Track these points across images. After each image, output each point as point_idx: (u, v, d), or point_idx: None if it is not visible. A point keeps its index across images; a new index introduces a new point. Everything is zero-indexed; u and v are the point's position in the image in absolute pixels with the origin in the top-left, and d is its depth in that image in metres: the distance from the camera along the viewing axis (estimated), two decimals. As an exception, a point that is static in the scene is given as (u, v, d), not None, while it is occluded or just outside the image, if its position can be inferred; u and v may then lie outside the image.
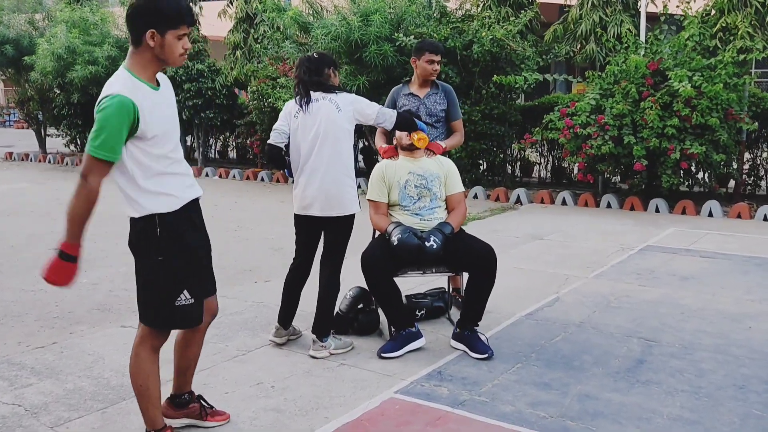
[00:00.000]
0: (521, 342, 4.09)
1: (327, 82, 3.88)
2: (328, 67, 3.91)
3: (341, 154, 3.81)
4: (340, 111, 3.79)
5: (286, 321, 4.06)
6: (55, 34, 13.17)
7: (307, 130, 3.83)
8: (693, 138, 8.15)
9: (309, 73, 3.85)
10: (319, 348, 3.87)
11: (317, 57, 3.94)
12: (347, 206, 3.83)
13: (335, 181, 3.79)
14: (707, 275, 5.61)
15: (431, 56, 4.48)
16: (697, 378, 3.56)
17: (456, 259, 3.94)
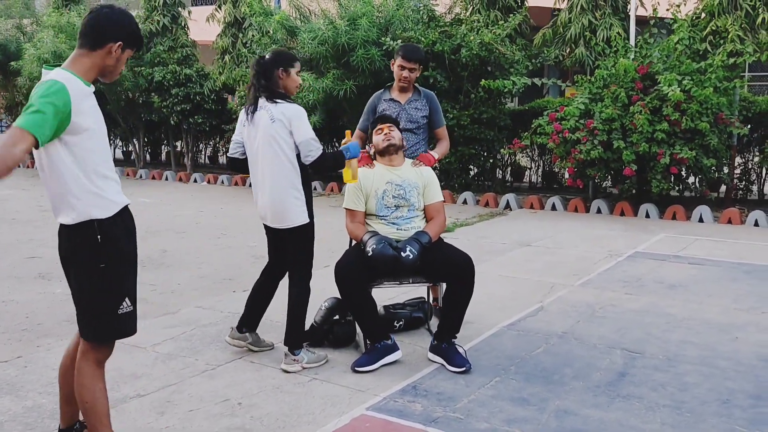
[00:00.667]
0: (501, 354, 3.96)
1: (276, 86, 3.70)
2: (278, 67, 3.70)
3: (280, 166, 3.66)
4: (273, 122, 3.63)
5: (243, 325, 3.96)
6: (42, 39, 13.03)
7: (251, 141, 3.76)
8: (683, 143, 8.06)
9: (257, 77, 3.71)
10: (291, 361, 3.74)
11: (266, 59, 3.75)
12: (293, 219, 3.71)
13: (279, 194, 3.68)
14: (695, 283, 5.50)
15: (402, 62, 4.37)
16: (680, 392, 3.44)
17: (433, 269, 3.82)
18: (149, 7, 13.95)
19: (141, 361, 3.87)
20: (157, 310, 4.90)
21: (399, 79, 4.43)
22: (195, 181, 13.17)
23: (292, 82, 3.76)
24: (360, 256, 3.73)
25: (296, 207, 3.69)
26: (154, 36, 13.80)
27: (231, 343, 3.97)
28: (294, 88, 3.80)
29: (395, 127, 3.98)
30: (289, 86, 3.76)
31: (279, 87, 3.72)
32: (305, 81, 9.67)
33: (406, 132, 4.44)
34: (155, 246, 7.09)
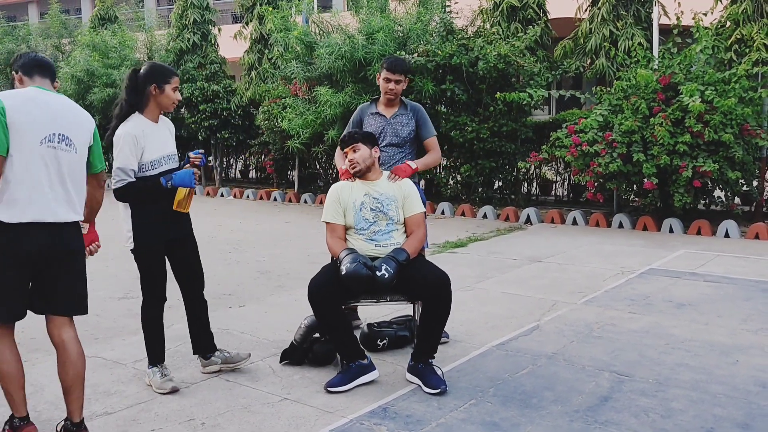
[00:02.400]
0: (483, 375, 3.84)
1: (147, 101, 3.56)
2: (150, 83, 3.53)
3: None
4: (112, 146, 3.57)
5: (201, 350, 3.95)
6: (75, 57, 13.41)
7: None
8: (706, 155, 7.79)
9: (128, 91, 3.56)
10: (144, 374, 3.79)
11: (140, 72, 3.57)
12: (124, 241, 3.70)
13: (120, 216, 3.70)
14: (706, 302, 5.27)
15: (387, 74, 4.30)
16: (663, 419, 3.27)
17: (409, 287, 3.73)
18: (180, 26, 14.25)
19: (118, 378, 3.88)
20: (150, 325, 4.90)
21: (385, 92, 4.37)
22: (222, 195, 13.31)
23: (166, 99, 3.58)
24: (335, 274, 3.66)
25: (124, 230, 3.66)
26: (185, 53, 14.08)
27: (207, 371, 3.91)
28: (170, 105, 3.63)
29: (360, 144, 3.88)
30: (164, 103, 3.60)
31: (149, 104, 3.57)
32: (323, 95, 9.70)
33: (392, 147, 4.37)
34: (165, 261, 7.13)
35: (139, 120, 3.57)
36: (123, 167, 3.50)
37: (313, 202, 11.87)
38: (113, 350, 4.36)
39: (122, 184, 3.52)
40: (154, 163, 3.59)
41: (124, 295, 5.77)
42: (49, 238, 2.94)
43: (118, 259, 7.18)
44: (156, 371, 3.69)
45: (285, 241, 8.39)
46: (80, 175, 3.07)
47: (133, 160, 3.51)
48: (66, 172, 2.99)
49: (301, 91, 10.83)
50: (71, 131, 3.00)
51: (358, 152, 3.85)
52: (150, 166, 3.57)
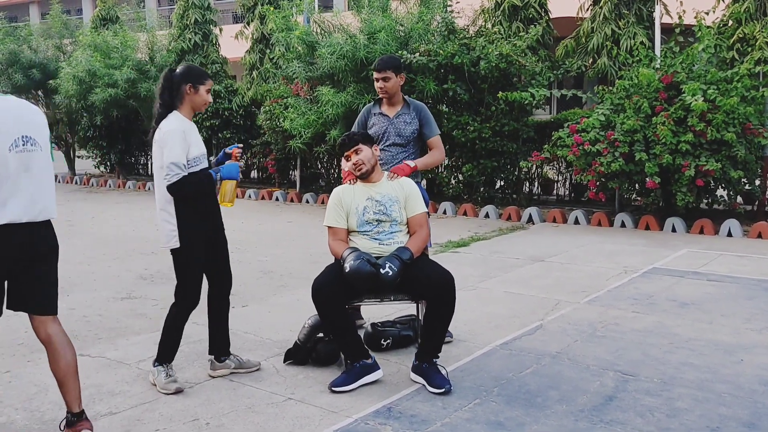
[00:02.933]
0: (487, 375, 3.83)
1: (182, 100, 3.61)
2: (186, 83, 3.60)
3: (159, 187, 3.61)
4: (156, 143, 3.58)
5: (217, 353, 3.91)
6: (77, 58, 13.40)
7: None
8: (709, 154, 7.78)
9: (162, 91, 3.62)
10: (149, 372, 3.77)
11: (176, 72, 3.64)
12: (164, 241, 3.66)
13: (157, 215, 3.66)
14: (709, 301, 5.26)
15: (375, 74, 4.34)
16: (668, 418, 3.26)
17: (413, 286, 3.72)
18: (181, 26, 14.24)
19: (122, 378, 3.87)
20: (154, 325, 4.90)
21: (378, 91, 4.39)
22: (223, 195, 13.28)
23: (200, 99, 3.65)
24: (338, 274, 3.66)
25: (167, 230, 3.62)
26: (186, 53, 14.08)
27: (215, 375, 3.87)
28: (202, 106, 3.69)
29: (361, 145, 3.86)
30: (197, 103, 3.66)
31: (184, 103, 3.62)
32: (324, 95, 9.69)
33: (395, 146, 4.36)
34: (167, 261, 7.06)
35: (181, 117, 3.61)
36: (176, 162, 3.49)
37: (315, 202, 11.87)
38: (117, 350, 4.36)
39: (177, 178, 3.49)
40: (196, 160, 3.62)
41: (127, 295, 5.77)
42: (26, 238, 2.93)
43: (121, 260, 7.19)
44: (161, 370, 3.68)
45: (287, 241, 8.38)
46: (49, 171, 3.07)
47: (183, 155, 3.52)
48: (36, 172, 2.97)
49: (303, 91, 10.82)
50: (33, 130, 2.99)
51: (362, 153, 3.83)
52: (194, 162, 3.60)
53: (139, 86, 13.12)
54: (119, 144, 15.69)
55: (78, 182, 16.24)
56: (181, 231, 3.61)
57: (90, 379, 3.85)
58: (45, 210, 2.99)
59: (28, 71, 15.32)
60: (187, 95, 3.62)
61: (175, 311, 3.75)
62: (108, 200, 12.96)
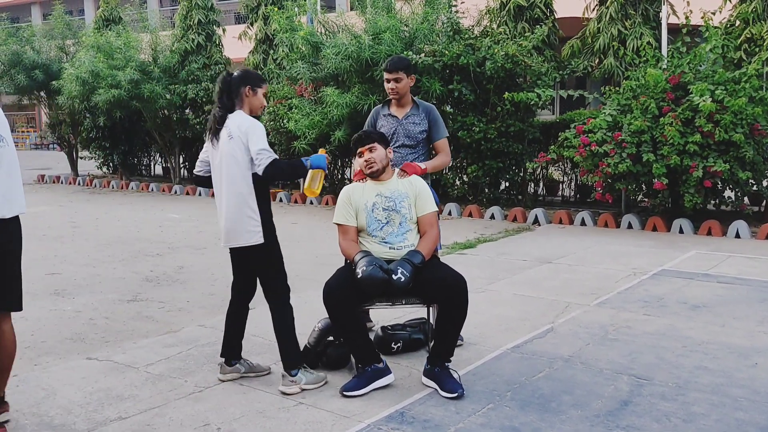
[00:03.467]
0: (499, 379, 3.79)
1: (242, 103, 3.65)
2: (246, 85, 3.66)
3: (236, 184, 3.59)
4: (231, 138, 3.57)
5: (229, 356, 3.84)
6: (80, 59, 13.36)
7: (213, 159, 3.72)
8: (717, 155, 7.73)
9: (220, 94, 3.66)
10: (289, 383, 3.64)
11: (235, 75, 3.70)
12: (246, 238, 3.62)
13: (232, 213, 3.61)
14: (721, 303, 5.22)
15: (386, 75, 4.30)
16: (685, 423, 3.22)
17: (425, 290, 3.68)
18: (184, 26, 14.21)
19: (131, 382, 3.83)
20: (161, 328, 4.87)
21: (388, 92, 4.36)
22: (227, 196, 13.26)
23: (258, 101, 3.72)
24: (350, 277, 3.62)
25: (251, 226, 3.61)
26: (189, 54, 14.04)
27: (225, 379, 3.82)
28: (259, 108, 3.74)
29: (376, 145, 3.83)
30: (255, 105, 3.71)
31: (243, 105, 3.66)
32: (329, 96, 9.66)
33: (404, 148, 4.33)
34: (172, 263, 7.11)
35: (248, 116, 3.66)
36: (266, 147, 3.55)
37: (318, 203, 11.83)
38: (124, 354, 4.32)
39: (271, 159, 3.51)
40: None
41: (133, 298, 5.73)
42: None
43: (126, 262, 7.16)
44: (303, 371, 3.68)
45: (292, 243, 8.33)
46: (17, 166, 3.15)
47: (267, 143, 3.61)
48: (6, 168, 3.06)
49: (307, 91, 10.78)
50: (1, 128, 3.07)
51: (375, 152, 3.80)
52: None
53: (142, 87, 13.08)
54: (122, 145, 15.67)
55: (81, 183, 16.21)
56: (264, 226, 3.63)
57: (98, 383, 3.81)
58: (17, 205, 3.07)
59: (31, 72, 15.29)
60: (246, 97, 3.67)
61: (284, 310, 3.72)
62: (111, 201, 12.93)
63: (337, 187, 12.58)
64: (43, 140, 31.75)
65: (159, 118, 14.40)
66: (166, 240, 8.50)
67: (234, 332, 3.87)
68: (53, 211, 11.45)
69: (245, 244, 3.64)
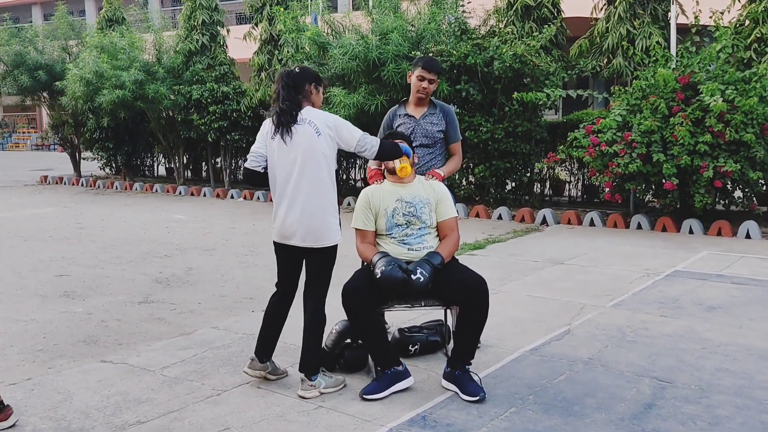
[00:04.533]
0: (520, 382, 3.75)
1: (307, 99, 3.63)
2: (310, 82, 3.64)
3: (322, 182, 3.54)
4: (319, 135, 3.52)
5: (262, 354, 3.78)
6: (84, 59, 13.32)
7: (284, 154, 3.57)
8: (727, 155, 7.70)
9: (287, 89, 3.58)
10: (308, 387, 3.59)
11: (298, 72, 3.65)
12: (330, 237, 3.58)
13: (316, 211, 3.53)
14: (737, 305, 5.18)
15: (423, 72, 4.22)
16: (711, 426, 3.18)
17: (445, 291, 3.64)
18: (188, 27, 14.16)
19: (147, 385, 3.79)
20: (174, 330, 4.83)
21: (418, 90, 4.29)
22: (232, 197, 13.24)
23: (319, 99, 3.72)
24: (369, 279, 3.58)
25: (333, 225, 3.58)
26: (193, 55, 14.00)
27: (251, 374, 3.77)
28: (319, 106, 3.73)
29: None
30: (317, 102, 3.70)
31: (309, 101, 3.63)
32: (336, 96, 9.62)
33: (422, 147, 4.29)
34: (182, 264, 7.07)
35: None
36: (363, 132, 3.66)
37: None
38: (139, 356, 4.28)
39: (377, 141, 3.66)
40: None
41: (144, 300, 5.69)
42: None
43: (134, 263, 7.12)
44: (323, 376, 3.65)
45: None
46: None
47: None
48: None
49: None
50: None
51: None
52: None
53: (146, 88, 13.03)
54: (126, 146, 15.62)
55: (84, 184, 16.17)
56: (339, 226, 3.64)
57: (115, 386, 3.77)
58: None
59: (34, 73, 15.25)
60: (311, 94, 3.66)
61: (322, 314, 3.67)
62: (116, 202, 12.89)
63: (341, 188, 12.54)
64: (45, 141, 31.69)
65: (163, 118, 14.37)
66: (174, 241, 8.46)
67: (274, 331, 3.81)
68: (58, 213, 11.41)
69: (330, 244, 3.58)
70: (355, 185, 12.90)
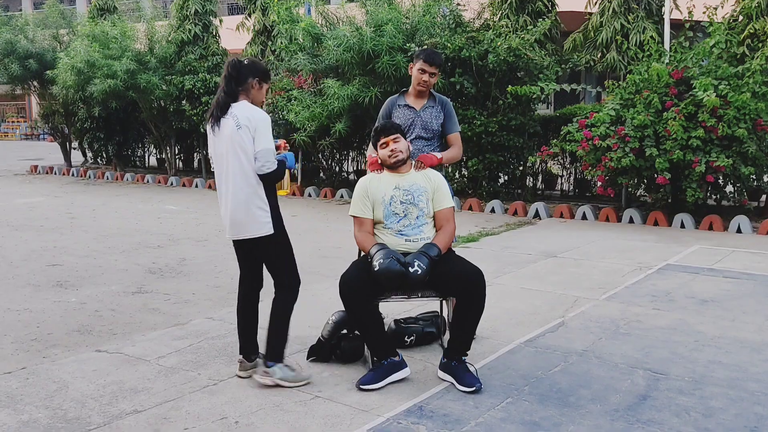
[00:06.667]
0: (515, 373, 3.77)
1: (246, 93, 3.57)
2: (254, 77, 3.57)
3: (244, 174, 3.50)
4: (239, 128, 3.47)
5: (248, 351, 3.77)
6: (75, 48, 13.22)
7: (215, 147, 3.61)
8: (719, 150, 7.75)
9: (228, 79, 3.55)
10: (263, 374, 3.59)
11: (245, 63, 3.59)
12: (254, 229, 3.55)
13: (239, 204, 3.52)
14: (729, 298, 5.22)
15: (424, 65, 4.21)
16: (705, 418, 3.21)
17: (442, 283, 3.65)
18: (181, 17, 14.08)
19: (143, 375, 3.78)
20: (168, 320, 4.82)
21: (419, 83, 4.27)
22: (224, 188, 13.19)
23: (261, 96, 3.65)
24: (366, 270, 3.58)
25: (260, 217, 3.53)
26: (186, 45, 13.92)
27: (244, 376, 3.74)
28: (260, 103, 3.65)
29: (400, 136, 3.80)
30: (257, 99, 3.63)
31: (248, 96, 3.58)
32: (330, 88, 9.60)
33: (420, 140, 4.29)
34: (174, 255, 7.05)
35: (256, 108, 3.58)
36: (272, 149, 3.52)
37: (317, 195, 11.78)
38: (134, 346, 4.27)
39: (275, 166, 3.51)
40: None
41: (138, 290, 5.67)
42: None
43: (127, 254, 7.09)
44: (282, 367, 3.59)
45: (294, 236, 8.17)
46: None
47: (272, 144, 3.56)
48: None
49: (307, 83, 10.71)
50: None
51: (399, 143, 3.77)
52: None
53: (138, 77, 12.95)
54: (117, 136, 15.53)
55: (75, 174, 16.07)
56: (273, 216, 3.57)
57: (110, 376, 3.77)
58: None
59: (25, 61, 15.11)
60: (252, 89, 3.59)
61: (291, 297, 3.66)
62: (107, 193, 12.82)
63: (334, 180, 12.54)
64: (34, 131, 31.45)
65: (155, 108, 14.29)
66: (166, 232, 8.43)
67: (249, 327, 3.79)
68: (49, 202, 11.34)
69: (255, 236, 3.56)
70: (348, 177, 12.90)
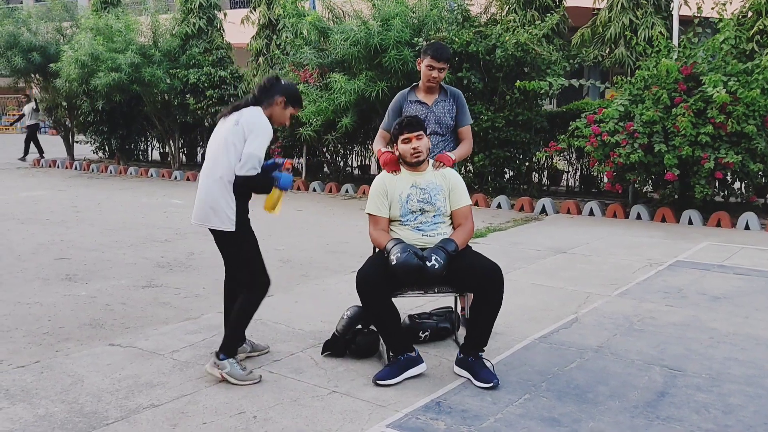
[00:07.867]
0: (531, 369, 3.76)
1: (268, 106, 3.60)
2: (283, 96, 3.61)
3: (220, 167, 3.51)
4: (236, 125, 3.51)
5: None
6: (80, 41, 13.17)
7: (213, 137, 3.70)
8: (728, 146, 7.73)
9: (259, 88, 3.63)
10: (213, 365, 3.60)
11: (284, 83, 3.69)
12: (217, 223, 3.55)
13: (213, 194, 3.53)
14: (741, 295, 5.21)
15: (432, 62, 4.19)
16: (724, 415, 3.20)
17: (460, 278, 3.63)
18: (185, 10, 14.03)
19: (158, 369, 3.77)
20: (180, 315, 4.81)
21: (428, 79, 4.25)
22: (228, 182, 13.16)
23: (283, 116, 3.68)
24: (383, 265, 3.56)
25: (224, 213, 3.52)
26: (190, 38, 13.88)
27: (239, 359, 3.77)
28: (278, 122, 3.68)
29: (423, 134, 3.76)
30: (277, 116, 3.65)
31: (268, 108, 3.60)
32: (337, 82, 9.57)
33: (435, 135, 4.27)
34: (183, 249, 7.03)
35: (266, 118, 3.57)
36: (260, 156, 3.48)
37: (322, 190, 11.75)
38: (147, 340, 4.25)
39: (255, 173, 3.46)
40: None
41: (148, 284, 5.65)
42: None
43: (135, 248, 7.07)
44: (233, 363, 3.58)
45: (300, 230, 8.28)
46: None
47: (264, 152, 3.51)
48: None
49: (313, 78, 10.68)
50: None
51: (422, 140, 3.73)
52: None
53: (142, 71, 12.91)
54: (120, 129, 15.49)
55: (78, 168, 16.04)
56: (238, 217, 3.55)
57: (125, 370, 3.75)
58: None
59: (28, 54, 15.06)
60: (276, 105, 3.62)
61: (253, 298, 3.67)
62: (111, 186, 12.80)
63: (339, 174, 12.51)
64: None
65: (159, 102, 14.25)
66: (173, 226, 8.41)
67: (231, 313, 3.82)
68: (53, 196, 11.31)
69: (214, 228, 3.58)
70: (353, 172, 12.87)
